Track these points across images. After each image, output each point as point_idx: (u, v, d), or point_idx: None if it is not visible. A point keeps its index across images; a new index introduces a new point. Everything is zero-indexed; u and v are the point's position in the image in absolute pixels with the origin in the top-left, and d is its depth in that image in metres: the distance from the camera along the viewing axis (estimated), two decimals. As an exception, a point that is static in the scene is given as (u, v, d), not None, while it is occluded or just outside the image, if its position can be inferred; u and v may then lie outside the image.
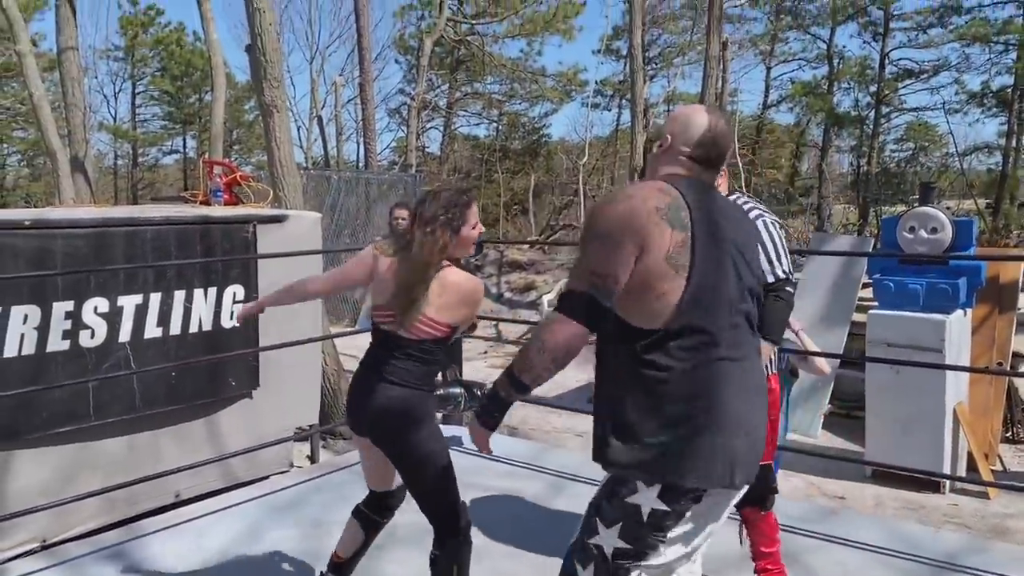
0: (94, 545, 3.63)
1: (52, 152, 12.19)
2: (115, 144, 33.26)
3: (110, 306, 4.21)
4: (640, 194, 1.85)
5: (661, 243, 1.78)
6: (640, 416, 1.80)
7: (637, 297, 1.81)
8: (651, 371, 1.80)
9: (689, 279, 1.79)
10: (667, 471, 1.79)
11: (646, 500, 1.81)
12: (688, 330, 1.80)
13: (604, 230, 1.83)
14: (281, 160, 6.04)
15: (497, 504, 3.91)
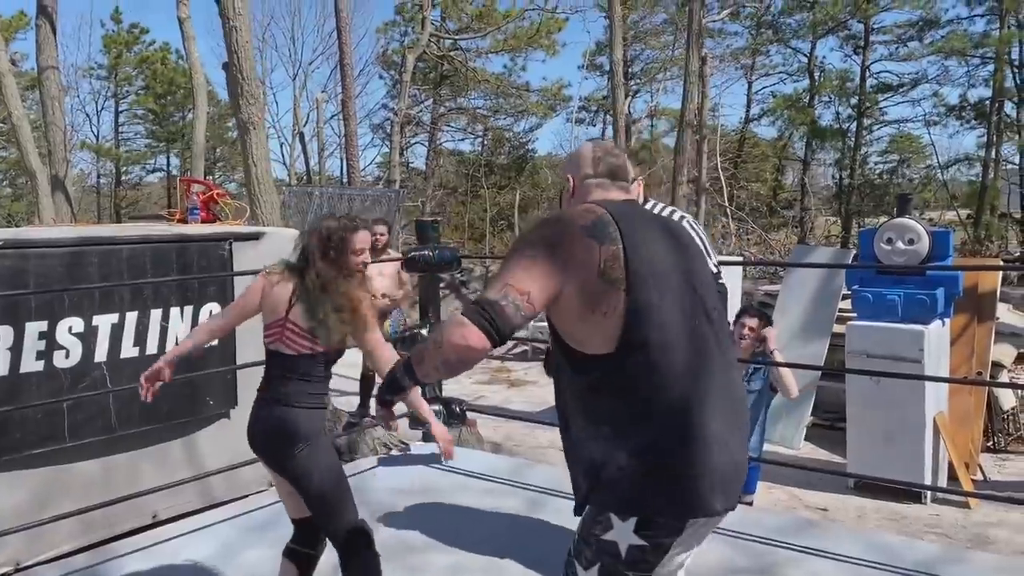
0: (68, 568, 3.58)
1: (32, 172, 12.14)
2: (98, 163, 33.13)
3: (85, 326, 4.17)
4: (567, 216, 1.85)
5: (591, 261, 1.74)
6: (607, 447, 1.72)
7: (582, 322, 1.75)
8: (611, 398, 1.73)
9: (628, 292, 1.72)
10: (641, 503, 1.69)
11: (622, 536, 1.71)
12: (642, 345, 1.71)
13: (529, 247, 1.79)
14: (258, 177, 6.03)
15: (477, 521, 3.89)
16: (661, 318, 1.74)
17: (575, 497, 1.83)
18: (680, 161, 14.70)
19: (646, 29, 25.89)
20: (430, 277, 5.07)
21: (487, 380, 10.87)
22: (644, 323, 1.72)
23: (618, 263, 1.74)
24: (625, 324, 1.72)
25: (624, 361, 1.72)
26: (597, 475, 1.72)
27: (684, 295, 1.80)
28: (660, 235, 1.86)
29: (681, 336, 1.75)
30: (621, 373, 1.72)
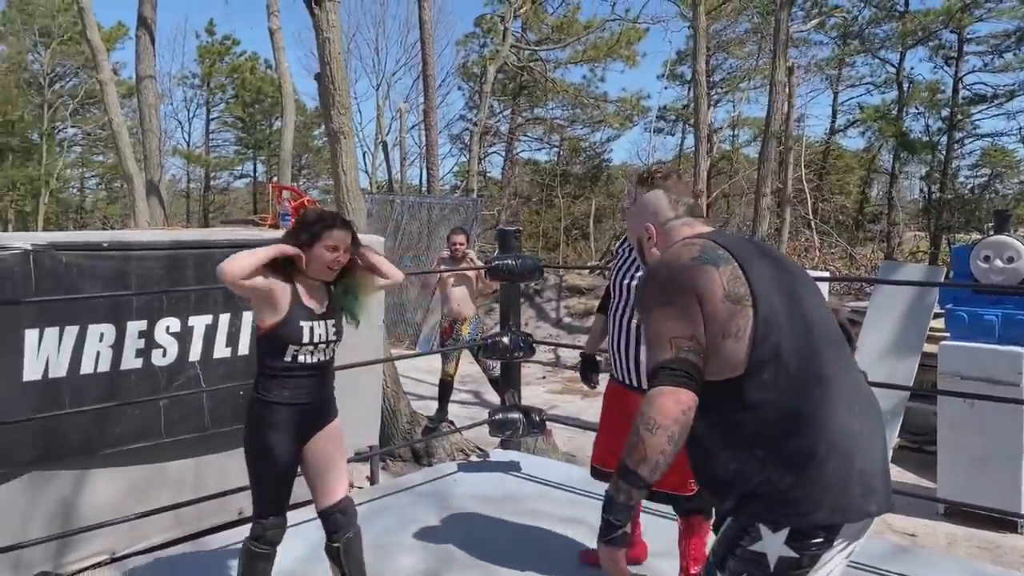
0: (160, 559, 3.72)
1: (129, 176, 12.66)
2: (188, 168, 34.39)
3: (181, 326, 4.33)
4: (669, 256, 1.86)
5: (713, 286, 1.74)
6: (754, 464, 1.70)
7: (714, 349, 1.73)
8: (751, 417, 1.70)
9: (755, 305, 1.73)
10: (793, 511, 1.66)
11: (772, 547, 1.68)
12: (775, 358, 1.71)
13: (659, 299, 1.78)
14: (347, 185, 6.17)
15: (556, 531, 3.88)
16: (789, 327, 1.74)
17: (717, 510, 1.83)
18: (764, 172, 14.43)
19: (729, 38, 25.53)
20: (511, 285, 5.09)
21: (560, 390, 10.85)
22: (774, 334, 1.72)
23: (739, 280, 1.75)
24: (755, 339, 1.71)
25: (758, 378, 1.71)
26: (745, 489, 1.71)
27: (796, 301, 1.80)
28: (758, 252, 1.87)
29: (807, 343, 1.75)
30: (757, 391, 1.71)
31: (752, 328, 1.71)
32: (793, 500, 1.66)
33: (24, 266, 3.80)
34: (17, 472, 3.86)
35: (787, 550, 1.67)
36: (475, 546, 3.69)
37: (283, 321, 2.75)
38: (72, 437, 4.00)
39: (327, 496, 2.90)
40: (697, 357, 1.71)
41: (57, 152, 29.76)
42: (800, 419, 1.69)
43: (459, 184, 27.80)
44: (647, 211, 2.07)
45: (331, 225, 2.80)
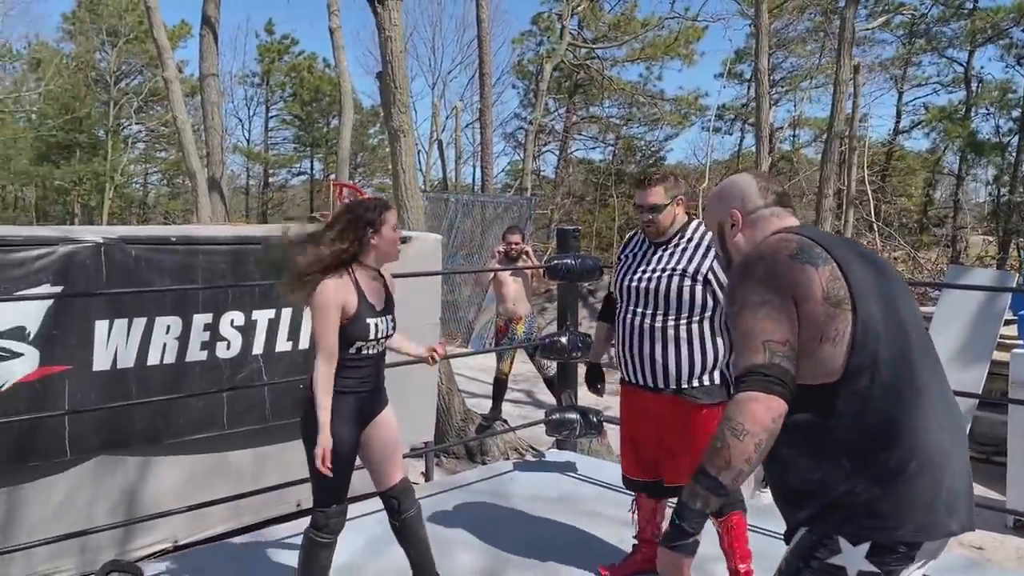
0: (221, 549, 3.78)
1: (192, 172, 12.94)
2: (248, 165, 35.04)
3: (245, 319, 4.40)
4: (767, 251, 1.75)
5: (812, 287, 1.66)
6: (838, 474, 1.64)
7: (809, 352, 1.65)
8: (841, 426, 1.64)
9: (855, 310, 1.65)
10: (877, 525, 1.60)
11: (853, 561, 1.62)
12: (871, 366, 1.63)
13: (756, 298, 1.68)
14: (405, 183, 6.21)
15: (612, 532, 3.84)
16: (886, 334, 1.66)
17: (788, 521, 1.76)
18: (826, 173, 14.13)
19: (790, 36, 25.07)
20: (569, 285, 5.06)
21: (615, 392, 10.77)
22: (872, 342, 1.64)
23: (839, 281, 1.66)
24: (852, 346, 1.63)
25: (855, 384, 1.63)
26: (826, 500, 1.65)
27: (894, 308, 1.71)
28: (854, 252, 1.77)
29: (904, 351, 1.67)
30: (854, 397, 1.63)
31: (851, 333, 1.64)
32: (878, 514, 1.60)
33: (96, 259, 3.89)
34: (85, 459, 3.96)
35: (868, 565, 1.61)
36: (531, 545, 3.68)
37: (351, 319, 2.77)
38: (138, 426, 4.09)
39: (387, 478, 2.98)
40: (791, 363, 1.64)
41: (122, 148, 30.58)
42: (893, 431, 1.62)
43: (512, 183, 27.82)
44: (733, 195, 1.93)
45: (388, 207, 2.87)
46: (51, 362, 3.78)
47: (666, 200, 3.08)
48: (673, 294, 3.02)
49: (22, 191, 33.34)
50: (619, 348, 3.19)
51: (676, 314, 3.03)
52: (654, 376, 3.08)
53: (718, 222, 1.95)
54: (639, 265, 3.16)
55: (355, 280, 2.80)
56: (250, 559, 3.63)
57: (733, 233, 1.91)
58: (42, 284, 3.72)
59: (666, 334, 3.04)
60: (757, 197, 1.90)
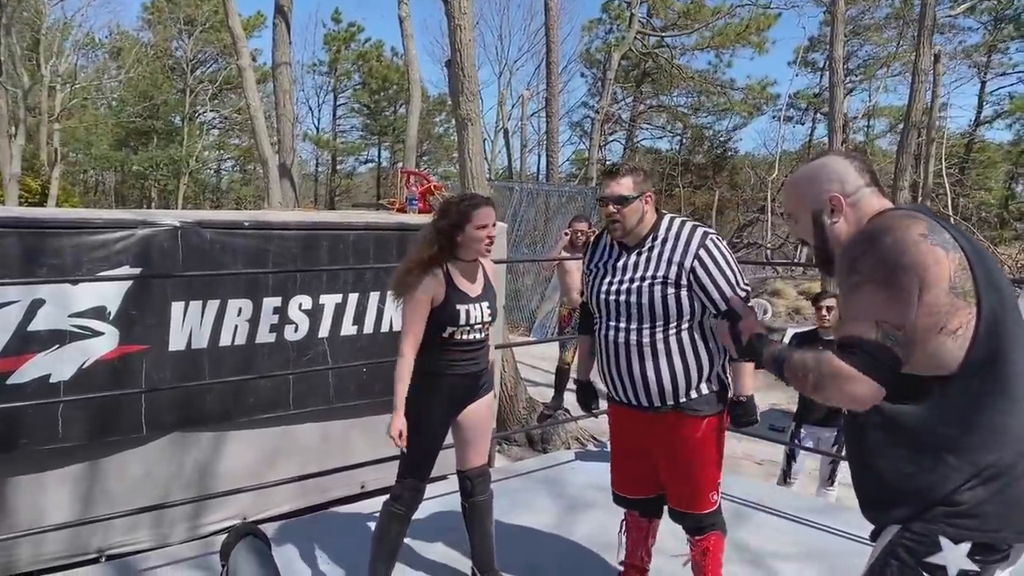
0: (288, 528, 3.87)
1: (264, 159, 13.20)
2: (317, 152, 35.64)
3: (313, 303, 4.48)
4: (898, 224, 1.63)
5: (941, 272, 1.57)
6: (943, 472, 1.60)
7: (924, 342, 1.58)
8: (951, 421, 1.59)
9: (979, 305, 1.57)
10: (981, 526, 1.58)
11: (954, 560, 1.59)
12: (991, 363, 1.57)
13: (882, 273, 1.60)
14: (472, 171, 6.22)
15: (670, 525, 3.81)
16: (1008, 331, 1.60)
17: (878, 519, 1.73)
18: (902, 164, 13.70)
19: (866, 24, 24.35)
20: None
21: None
22: (995, 338, 1.57)
23: (966, 272, 1.58)
24: (975, 340, 1.57)
25: (971, 381, 1.58)
26: (928, 498, 1.61)
27: (1011, 307, 1.63)
28: (970, 242, 1.67)
29: (1018, 350, 1.60)
30: (967, 394, 1.58)
31: (974, 328, 1.57)
32: (983, 515, 1.57)
33: (173, 242, 4.00)
34: (160, 435, 4.09)
35: (969, 564, 1.58)
36: (590, 537, 3.67)
37: (441, 306, 2.90)
38: (210, 405, 4.20)
39: (467, 460, 3.11)
40: (901, 351, 1.58)
41: (197, 135, 31.43)
42: (1004, 431, 1.58)
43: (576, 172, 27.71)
44: (829, 178, 1.79)
45: (477, 203, 2.92)
46: (129, 341, 3.91)
47: (634, 192, 2.76)
48: (658, 305, 2.72)
49: (102, 176, 34.59)
50: (603, 366, 2.92)
51: (664, 325, 2.74)
52: (648, 395, 2.80)
53: (813, 211, 1.80)
54: (613, 274, 2.85)
55: (447, 272, 2.93)
56: (315, 537, 3.71)
57: (835, 219, 1.77)
58: (122, 266, 3.85)
59: (655, 348, 2.75)
60: (856, 177, 1.78)
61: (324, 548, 3.57)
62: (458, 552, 3.45)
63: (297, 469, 4.37)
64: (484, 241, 2.91)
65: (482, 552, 3.14)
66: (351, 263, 4.59)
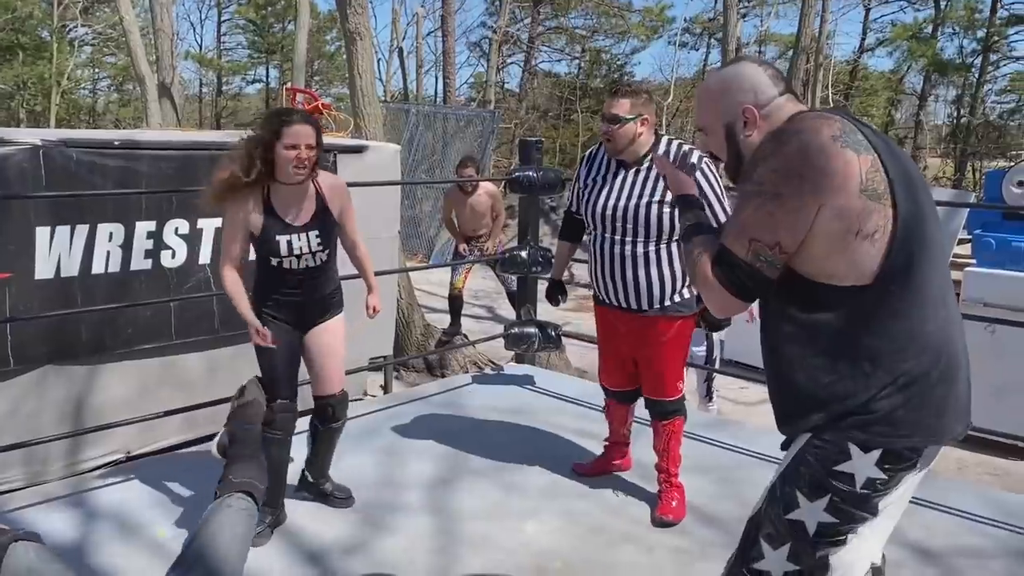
0: (174, 460, 3.74)
1: (141, 77, 12.42)
2: (200, 72, 33.84)
3: (190, 228, 4.26)
4: (807, 126, 1.54)
5: (850, 175, 1.49)
6: (857, 382, 1.57)
7: (838, 253, 1.52)
8: (867, 331, 1.55)
9: (895, 206, 1.50)
10: (892, 432, 1.56)
11: (862, 468, 1.57)
12: (906, 269, 1.53)
13: (772, 183, 1.54)
14: (362, 89, 5.98)
15: (570, 444, 3.87)
16: (926, 235, 1.55)
17: (788, 429, 1.70)
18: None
19: (760, -51, 24.56)
20: (531, 199, 4.97)
21: (574, 308, 10.80)
22: (911, 244, 1.52)
23: (879, 173, 1.51)
24: (891, 246, 1.51)
25: (889, 288, 1.53)
26: (840, 406, 1.59)
27: (924, 212, 1.57)
28: (888, 146, 1.59)
29: (933, 254, 1.57)
30: (883, 303, 1.54)
31: (891, 231, 1.51)
32: (895, 422, 1.56)
33: (34, 162, 3.70)
34: (29, 368, 3.86)
35: (877, 472, 1.57)
36: (487, 455, 3.70)
37: (258, 237, 2.81)
38: (84, 336, 3.98)
39: (324, 385, 3.06)
40: (772, 270, 1.57)
41: (68, 51, 29.28)
42: (920, 337, 1.56)
43: (475, 95, 27.28)
44: (741, 88, 1.69)
45: (290, 120, 2.72)
46: (-12, 269, 3.63)
47: (629, 115, 2.99)
48: (653, 222, 3.01)
49: (-39, 95, 31.95)
50: (596, 272, 3.19)
51: (656, 239, 3.03)
52: (637, 299, 3.10)
53: (725, 124, 1.70)
54: (610, 190, 3.09)
55: (267, 198, 2.79)
56: (203, 469, 3.59)
57: (748, 132, 1.68)
58: (-25, 188, 3.54)
59: (648, 259, 3.05)
60: (770, 86, 1.68)
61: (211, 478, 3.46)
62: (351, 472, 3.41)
63: (183, 401, 4.20)
64: (292, 163, 2.68)
65: (321, 463, 3.21)
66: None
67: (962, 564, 2.87)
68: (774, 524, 1.67)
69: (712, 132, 1.74)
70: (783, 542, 1.65)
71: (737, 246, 1.58)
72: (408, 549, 2.91)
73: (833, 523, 1.61)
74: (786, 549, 1.65)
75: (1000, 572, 2.83)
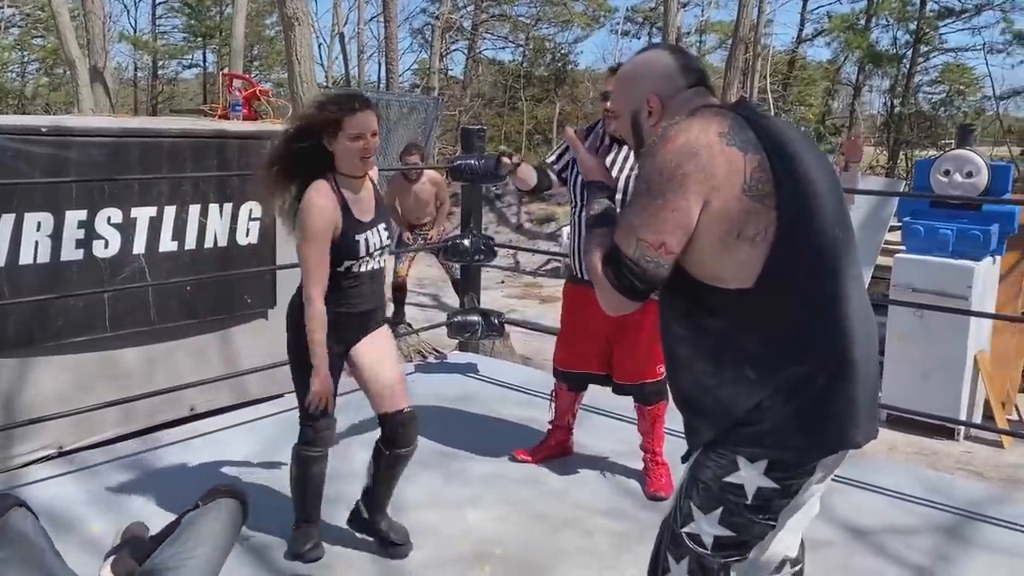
0: (111, 453, 3.66)
1: (71, 61, 12.03)
2: (135, 56, 32.92)
3: (124, 217, 4.15)
4: (696, 124, 1.53)
5: (735, 175, 1.47)
6: (744, 388, 1.53)
7: (720, 253, 1.50)
8: (752, 335, 1.53)
9: (779, 208, 1.48)
10: (779, 443, 1.52)
11: (750, 479, 1.55)
12: (790, 273, 1.50)
13: (656, 181, 1.52)
14: (301, 75, 5.90)
15: (515, 431, 3.90)
16: (813, 240, 1.52)
17: (690, 441, 1.68)
18: (730, 79, 14.26)
19: (700, -61, 24.82)
20: (473, 187, 4.97)
21: (519, 295, 10.86)
22: (794, 246, 1.49)
23: (766, 173, 1.49)
24: (773, 250, 1.48)
25: (771, 293, 1.50)
26: (728, 420, 1.55)
27: (828, 207, 1.55)
28: (790, 140, 1.57)
29: (829, 256, 1.53)
30: (764, 307, 1.51)
31: (773, 234, 1.48)
32: (781, 430, 1.52)
33: (-46, 149, 3.57)
34: (-45, 364, 3.73)
35: (767, 481, 1.54)
36: (429, 443, 3.69)
37: (337, 241, 2.53)
38: (12, 329, 3.85)
39: (380, 403, 2.76)
40: (659, 270, 1.55)
41: (-7, 33, 28.19)
42: (805, 343, 1.53)
43: (419, 82, 27.08)
44: (649, 76, 1.68)
45: (351, 109, 2.48)
46: (-92, 261, 3.49)
47: None
48: None
49: None
50: (574, 245, 3.26)
51: None
52: None
53: (632, 112, 1.69)
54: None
55: (339, 193, 2.53)
56: (141, 463, 3.54)
57: (651, 122, 1.67)
58: None
59: None
60: (679, 77, 1.67)
61: (149, 472, 3.41)
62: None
63: (119, 394, 4.11)
64: (360, 154, 2.48)
65: (382, 499, 2.87)
66: (165, 173, 4.27)
67: (890, 541, 2.97)
68: (674, 538, 1.66)
69: (621, 117, 1.75)
70: (684, 555, 1.65)
71: (625, 245, 1.56)
72: (349, 540, 2.90)
73: (731, 536, 1.59)
74: (686, 563, 1.65)
75: (927, 548, 2.94)
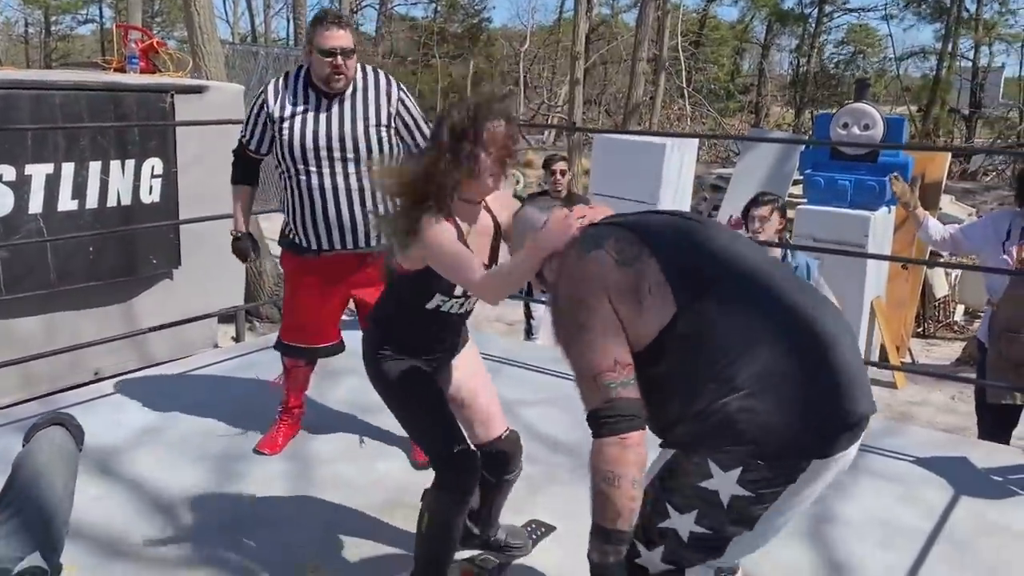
0: (10, 416, 3.54)
1: (-48, 13, 11.27)
2: (25, 11, 31.10)
3: (17, 174, 3.98)
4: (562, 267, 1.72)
5: (605, 268, 1.61)
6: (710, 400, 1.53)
7: (636, 318, 1.59)
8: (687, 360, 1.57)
9: (655, 253, 1.60)
10: (748, 454, 1.51)
11: (724, 486, 1.54)
12: (702, 294, 1.57)
13: (572, 326, 1.63)
14: (201, 26, 5.69)
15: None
16: (704, 262, 1.65)
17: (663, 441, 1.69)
18: (640, 36, 14.36)
19: None
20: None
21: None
22: (690, 273, 1.61)
23: (626, 239, 1.63)
24: (671, 282, 1.58)
25: (691, 318, 1.56)
26: (701, 424, 1.55)
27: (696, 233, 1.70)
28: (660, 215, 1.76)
29: (734, 273, 1.63)
30: (688, 336, 1.56)
31: (663, 274, 1.58)
32: (750, 439, 1.51)
33: None
34: None
35: (740, 490, 1.53)
36: (342, 401, 3.70)
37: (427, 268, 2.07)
38: None
39: (487, 427, 2.39)
40: (628, 388, 1.56)
41: None
42: (740, 350, 1.54)
43: (330, 39, 26.34)
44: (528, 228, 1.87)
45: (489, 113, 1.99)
46: None
47: (355, 45, 2.90)
48: (374, 148, 2.90)
49: None
50: (305, 215, 2.94)
51: None
52: (354, 236, 2.93)
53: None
54: (317, 122, 2.89)
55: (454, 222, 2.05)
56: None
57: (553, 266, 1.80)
58: None
59: (363, 191, 2.89)
60: (539, 217, 1.86)
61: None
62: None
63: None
64: (494, 176, 2.02)
65: (495, 516, 2.52)
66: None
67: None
68: (647, 530, 1.64)
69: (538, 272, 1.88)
70: (655, 546, 1.65)
71: (591, 400, 1.59)
72: (262, 492, 2.89)
73: (706, 534, 1.60)
74: (659, 552, 1.65)
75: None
